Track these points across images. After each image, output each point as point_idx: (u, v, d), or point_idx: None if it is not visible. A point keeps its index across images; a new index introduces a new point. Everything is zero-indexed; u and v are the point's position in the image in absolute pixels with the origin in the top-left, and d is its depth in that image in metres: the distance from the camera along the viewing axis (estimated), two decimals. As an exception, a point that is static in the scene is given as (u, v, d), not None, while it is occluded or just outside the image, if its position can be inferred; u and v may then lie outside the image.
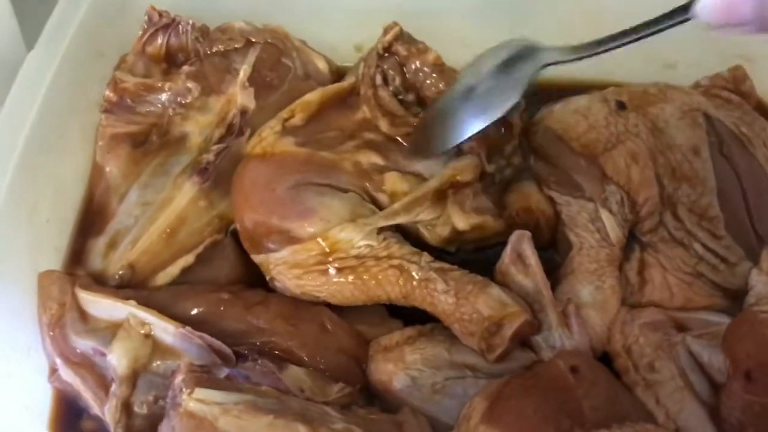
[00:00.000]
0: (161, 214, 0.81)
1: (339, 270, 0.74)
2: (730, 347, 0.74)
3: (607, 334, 0.77)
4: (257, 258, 0.78)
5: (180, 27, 0.90)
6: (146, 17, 0.90)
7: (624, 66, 0.96)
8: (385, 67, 0.85)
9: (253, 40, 0.91)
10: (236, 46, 0.90)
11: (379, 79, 0.84)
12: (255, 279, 0.80)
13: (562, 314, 0.75)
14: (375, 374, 0.74)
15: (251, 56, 0.89)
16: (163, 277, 0.80)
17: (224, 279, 0.81)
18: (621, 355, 0.77)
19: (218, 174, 0.82)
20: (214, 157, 0.82)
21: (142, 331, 0.73)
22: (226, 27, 0.92)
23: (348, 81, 0.86)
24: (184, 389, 0.62)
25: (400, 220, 0.76)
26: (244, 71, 0.87)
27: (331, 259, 0.74)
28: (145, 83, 0.87)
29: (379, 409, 0.72)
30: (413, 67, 0.85)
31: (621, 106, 0.84)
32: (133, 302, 0.74)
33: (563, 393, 0.70)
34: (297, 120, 0.82)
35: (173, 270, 0.80)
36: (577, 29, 0.84)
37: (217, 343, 0.70)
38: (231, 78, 0.88)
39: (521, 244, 0.76)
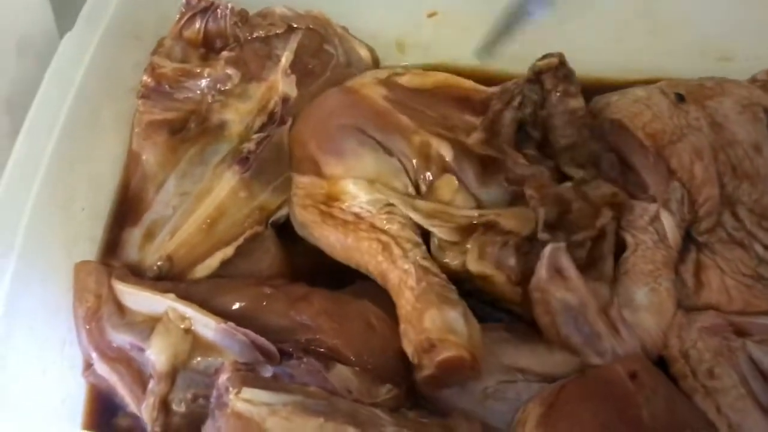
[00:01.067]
0: (200, 204, 0.78)
1: (333, 218, 0.75)
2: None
3: (663, 339, 0.74)
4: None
5: (219, 11, 0.88)
6: (184, 0, 0.88)
7: (676, 58, 0.92)
8: (527, 92, 0.80)
9: (295, 25, 0.88)
10: (277, 31, 0.87)
11: (516, 101, 0.79)
12: (297, 273, 0.78)
13: (611, 323, 0.72)
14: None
15: (293, 42, 0.86)
16: (202, 270, 0.77)
17: (265, 272, 0.78)
18: (678, 360, 0.73)
19: (259, 164, 0.79)
20: (255, 147, 0.80)
21: (182, 326, 0.70)
22: (267, 12, 0.89)
23: (492, 89, 0.83)
24: (231, 389, 0.59)
25: (416, 217, 0.73)
26: (286, 57, 0.85)
27: (333, 204, 0.75)
28: (183, 69, 0.84)
29: (428, 412, 0.69)
30: (552, 107, 0.80)
31: (680, 98, 0.80)
32: (172, 295, 0.71)
33: (622, 400, 0.67)
34: (404, 80, 0.83)
35: (212, 263, 0.77)
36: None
37: (261, 340, 0.67)
38: (272, 64, 0.85)
39: (558, 258, 0.71)
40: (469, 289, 0.74)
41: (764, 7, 0.92)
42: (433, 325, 0.68)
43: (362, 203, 0.74)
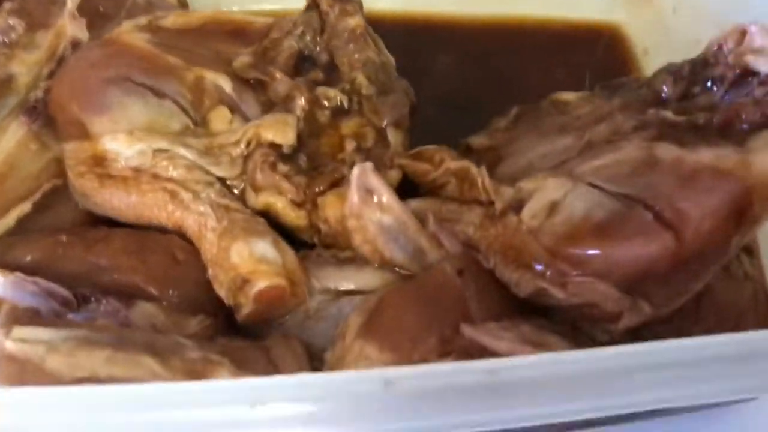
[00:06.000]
0: (-15, 162, 0.72)
1: (111, 178, 0.69)
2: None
3: None
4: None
5: (-3, -38, 0.81)
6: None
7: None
8: (306, 18, 0.78)
9: (82, -32, 0.82)
10: (62, -25, 0.81)
11: (298, 30, 0.77)
12: (103, 222, 0.72)
13: (432, 235, 0.69)
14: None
15: (79, -16, 0.81)
16: (-4, 230, 0.71)
17: (68, 226, 0.73)
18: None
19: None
20: (44, 94, 0.74)
21: (-32, 286, 0.63)
22: (49, -42, 0.83)
23: (266, 20, 0.80)
24: (0, 331, 0.53)
25: (192, 156, 0.69)
26: (71, 0, 0.79)
27: (105, 164, 0.69)
28: (-43, 24, 0.77)
29: (243, 337, 0.64)
30: (331, 28, 0.78)
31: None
32: (-48, 256, 0.65)
33: (449, 298, 0.64)
34: (168, 22, 0.77)
35: (8, 221, 0.71)
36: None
37: (53, 287, 0.62)
38: (57, 10, 0.79)
39: (367, 178, 0.67)
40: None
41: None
42: (241, 258, 0.64)
43: (129, 156, 0.68)
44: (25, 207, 0.72)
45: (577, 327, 0.65)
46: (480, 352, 0.59)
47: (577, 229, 0.60)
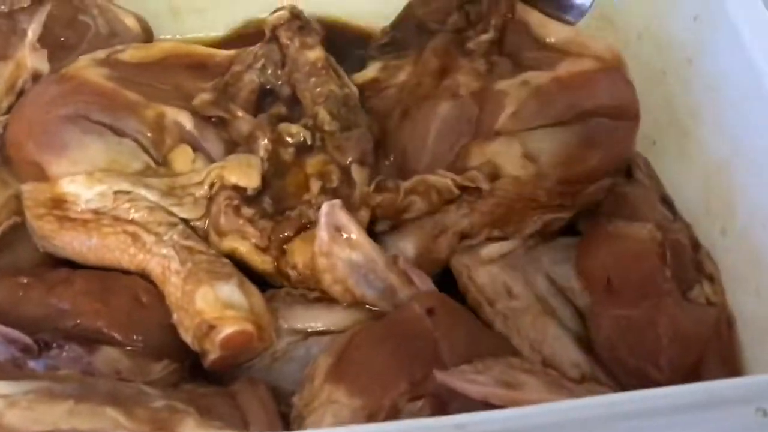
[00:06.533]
0: (-59, 198, 0.70)
1: (71, 221, 0.67)
2: (584, 265, 0.70)
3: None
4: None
5: (-49, -11, 0.80)
6: None
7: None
8: (267, 51, 0.77)
9: (43, -2, 0.81)
10: (23, 5, 0.80)
11: (259, 64, 0.76)
12: (62, 261, 0.71)
13: (402, 273, 0.68)
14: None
15: (41, 14, 0.80)
16: (-47, 270, 0.69)
17: (27, 266, 0.71)
18: (470, 290, 0.71)
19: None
20: (3, 129, 0.72)
21: (-77, 332, 0.62)
22: (9, -14, 0.82)
23: (228, 52, 0.79)
24: (-42, 386, 0.52)
25: (153, 197, 0.67)
26: (32, 30, 0.78)
27: (64, 207, 0.67)
28: None
29: (209, 383, 0.63)
30: (292, 61, 0.77)
31: None
32: None
33: (419, 338, 0.63)
34: (126, 55, 0.75)
35: (-36, 261, 0.69)
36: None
37: (12, 333, 0.60)
38: (17, 40, 0.78)
39: (335, 216, 0.67)
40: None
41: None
42: (206, 304, 0.63)
43: (89, 199, 0.66)
44: (-17, 246, 0.70)
45: (548, 364, 0.65)
46: (452, 395, 0.59)
47: (568, 158, 0.71)
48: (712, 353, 0.68)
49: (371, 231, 0.70)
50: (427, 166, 0.72)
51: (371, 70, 0.80)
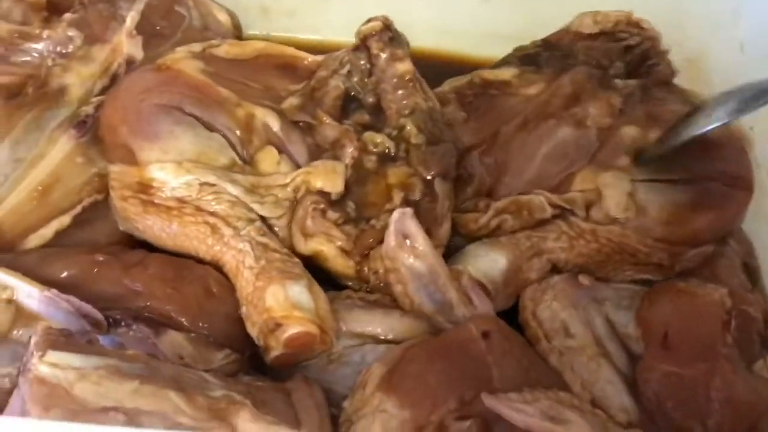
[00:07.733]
0: (32, 171, 0.73)
1: (156, 206, 0.70)
2: (645, 315, 0.70)
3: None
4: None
5: (63, -28, 0.83)
6: (24, -39, 0.83)
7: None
8: (354, 59, 0.78)
9: (144, -14, 0.84)
10: (125, -8, 0.83)
11: (345, 70, 0.78)
12: (138, 241, 0.73)
13: (463, 291, 0.70)
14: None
15: (140, 3, 0.83)
16: (35, 240, 0.72)
17: (104, 242, 0.74)
18: (530, 324, 0.72)
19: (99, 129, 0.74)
20: (94, 110, 0.75)
21: (4, 296, 0.65)
22: (114, -27, 0.85)
23: (316, 57, 0.80)
24: (35, 353, 0.54)
25: (237, 192, 0.69)
26: (131, 18, 0.81)
27: (151, 192, 0.69)
28: (20, 30, 0.79)
29: (269, 378, 0.65)
30: (380, 72, 0.78)
31: None
32: (-9, 264, 0.66)
33: (472, 360, 0.64)
34: (221, 51, 0.78)
35: (46, 232, 0.73)
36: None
37: (86, 307, 0.63)
38: (117, 26, 0.81)
39: (405, 223, 0.68)
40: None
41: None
42: (276, 302, 0.65)
43: (175, 187, 0.68)
44: (65, 220, 0.73)
45: (597, 405, 0.66)
46: (497, 419, 0.60)
47: (677, 216, 0.71)
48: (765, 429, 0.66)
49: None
50: (528, 182, 0.74)
51: (506, 72, 0.82)
